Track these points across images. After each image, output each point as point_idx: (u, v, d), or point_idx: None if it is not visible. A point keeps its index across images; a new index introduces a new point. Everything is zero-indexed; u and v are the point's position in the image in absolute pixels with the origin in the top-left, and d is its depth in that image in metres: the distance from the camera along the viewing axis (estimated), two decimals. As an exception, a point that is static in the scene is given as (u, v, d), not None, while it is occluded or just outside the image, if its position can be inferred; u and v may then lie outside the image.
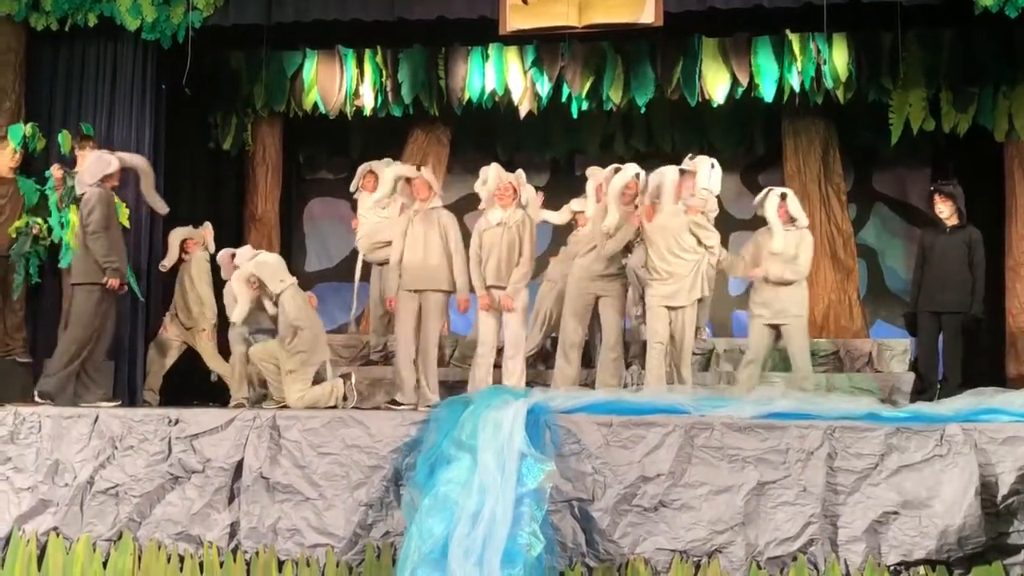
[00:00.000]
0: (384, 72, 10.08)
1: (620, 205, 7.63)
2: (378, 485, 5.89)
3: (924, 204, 9.67)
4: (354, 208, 10.47)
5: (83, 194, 7.70)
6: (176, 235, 9.06)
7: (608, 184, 7.71)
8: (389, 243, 8.24)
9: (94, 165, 7.70)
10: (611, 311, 7.74)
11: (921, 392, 7.57)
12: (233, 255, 8.23)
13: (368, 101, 10.18)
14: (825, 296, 10.38)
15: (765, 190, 8.02)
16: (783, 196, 7.83)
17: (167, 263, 8.98)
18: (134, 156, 8.13)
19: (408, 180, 8.17)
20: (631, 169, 7.73)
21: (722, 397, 6.42)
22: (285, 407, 7.46)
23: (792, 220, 7.80)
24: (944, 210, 7.65)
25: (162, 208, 8.09)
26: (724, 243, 10.81)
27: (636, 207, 7.64)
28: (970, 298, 7.50)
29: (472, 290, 7.87)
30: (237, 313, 7.89)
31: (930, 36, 9.23)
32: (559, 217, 9.13)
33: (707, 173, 8.07)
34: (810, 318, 8.29)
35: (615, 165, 7.92)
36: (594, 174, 8.34)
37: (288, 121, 10.81)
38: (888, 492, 5.38)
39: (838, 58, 9.27)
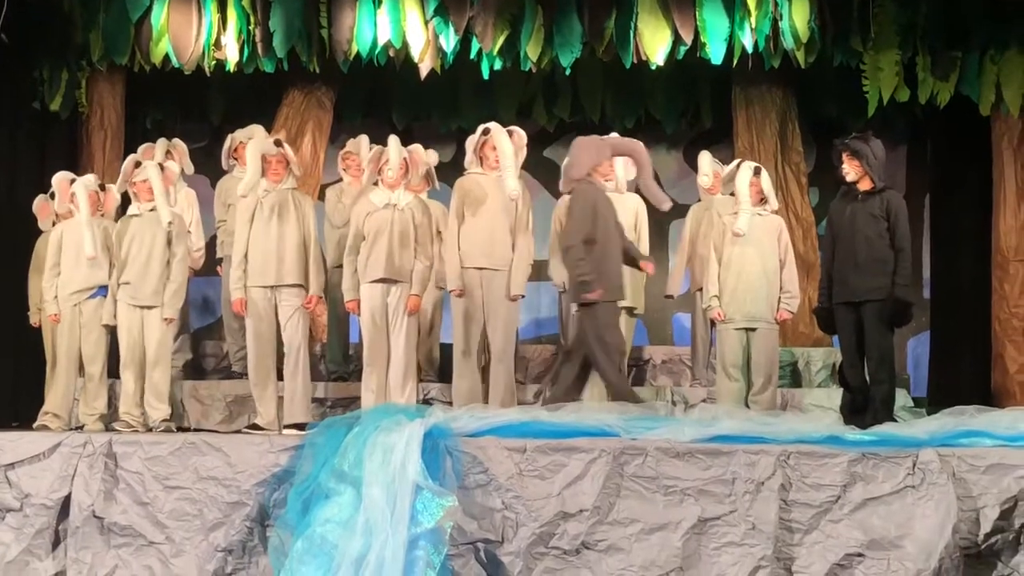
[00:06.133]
0: (252, 18, 9.92)
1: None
2: (239, 526, 5.87)
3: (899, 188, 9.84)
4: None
5: (569, 193, 7.07)
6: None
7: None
8: None
9: (585, 152, 6.84)
10: (497, 313, 7.84)
11: (857, 412, 7.17)
12: (72, 179, 8.39)
13: (232, 54, 10.00)
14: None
15: (735, 162, 8.23)
16: (756, 171, 8.01)
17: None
18: (630, 140, 7.53)
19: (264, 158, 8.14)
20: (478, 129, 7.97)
21: (657, 417, 6.49)
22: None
23: (763, 201, 7.99)
24: (850, 172, 7.23)
25: (665, 204, 7.66)
26: (665, 231, 11.04)
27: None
28: (891, 280, 7.07)
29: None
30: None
31: (906, -12, 9.44)
32: None
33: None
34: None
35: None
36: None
37: (132, 77, 10.61)
38: (852, 530, 5.49)
39: (798, 13, 9.35)
